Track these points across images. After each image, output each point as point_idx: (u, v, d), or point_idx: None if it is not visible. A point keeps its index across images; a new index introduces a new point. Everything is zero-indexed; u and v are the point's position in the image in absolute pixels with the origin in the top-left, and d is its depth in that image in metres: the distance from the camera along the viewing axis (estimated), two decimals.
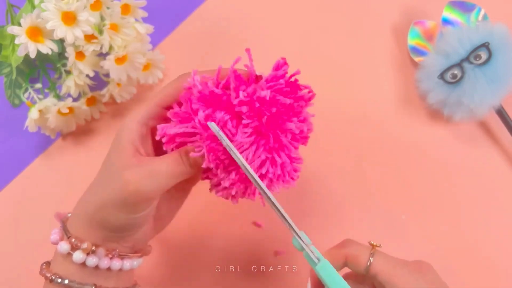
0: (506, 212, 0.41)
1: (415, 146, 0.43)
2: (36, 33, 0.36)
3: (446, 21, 0.44)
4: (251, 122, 0.27)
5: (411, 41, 0.45)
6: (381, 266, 0.27)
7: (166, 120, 0.29)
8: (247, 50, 0.29)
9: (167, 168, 0.27)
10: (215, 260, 0.40)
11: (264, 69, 0.50)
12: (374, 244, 0.28)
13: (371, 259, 0.27)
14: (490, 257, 0.39)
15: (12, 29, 0.35)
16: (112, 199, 0.27)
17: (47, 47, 0.37)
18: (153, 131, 0.29)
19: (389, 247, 0.30)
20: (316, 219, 0.41)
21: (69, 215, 0.30)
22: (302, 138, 0.30)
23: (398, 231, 0.40)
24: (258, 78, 0.29)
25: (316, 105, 0.45)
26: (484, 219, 0.40)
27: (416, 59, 0.44)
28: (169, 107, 0.29)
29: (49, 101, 0.41)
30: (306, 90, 0.30)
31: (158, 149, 0.30)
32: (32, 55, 0.36)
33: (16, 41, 0.35)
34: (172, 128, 0.28)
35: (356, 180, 0.42)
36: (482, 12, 0.43)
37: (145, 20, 0.42)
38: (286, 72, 0.29)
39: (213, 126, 0.26)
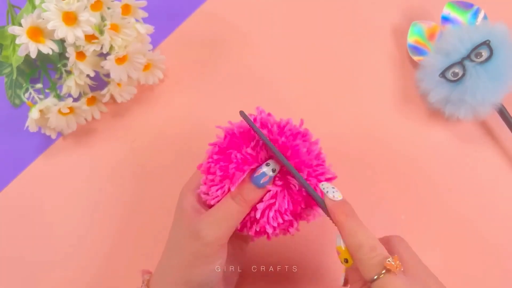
0: (507, 212, 0.41)
1: (415, 146, 0.43)
2: (37, 33, 0.36)
3: (446, 20, 0.44)
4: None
5: (411, 40, 0.45)
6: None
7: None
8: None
9: (224, 211, 0.29)
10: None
11: (264, 69, 0.50)
12: (393, 264, 0.26)
13: (381, 276, 0.25)
14: (491, 257, 0.39)
15: (13, 29, 0.35)
16: (191, 254, 0.29)
17: (48, 47, 0.37)
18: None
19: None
20: (317, 218, 0.41)
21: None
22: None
23: (398, 231, 0.40)
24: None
25: (316, 105, 0.46)
26: (485, 219, 0.40)
27: (416, 58, 0.44)
28: None
29: (50, 101, 0.41)
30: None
31: None
32: (33, 55, 0.36)
33: (17, 41, 0.35)
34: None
35: (355, 180, 0.42)
36: (482, 12, 0.43)
37: (145, 20, 0.42)
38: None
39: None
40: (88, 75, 0.41)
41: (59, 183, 0.44)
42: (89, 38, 0.38)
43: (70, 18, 0.36)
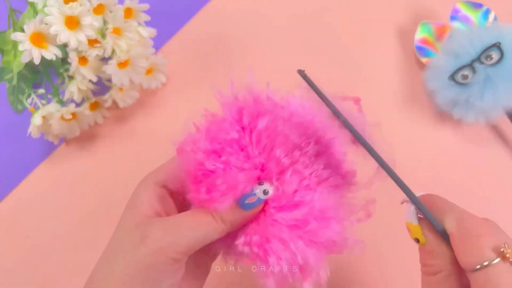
0: None
1: (422, 148, 0.43)
2: (39, 38, 0.36)
3: (454, 20, 0.44)
4: None
5: (418, 41, 0.44)
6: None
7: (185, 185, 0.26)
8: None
9: (194, 220, 0.24)
10: (215, 260, 0.40)
11: (269, 72, 0.49)
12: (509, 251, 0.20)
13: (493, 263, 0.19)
14: None
15: (15, 35, 0.35)
16: (133, 265, 0.22)
17: (51, 53, 0.36)
18: (173, 195, 0.27)
19: (393, 250, 0.29)
20: None
21: None
22: None
23: (405, 236, 0.40)
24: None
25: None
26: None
27: (423, 59, 0.44)
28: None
29: (52, 107, 0.41)
30: None
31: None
32: (37, 61, 0.36)
33: (20, 48, 0.35)
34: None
35: (361, 181, 0.41)
36: (493, 13, 0.43)
37: (147, 24, 0.42)
38: None
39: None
40: (90, 80, 0.41)
41: (62, 189, 0.43)
42: (92, 42, 0.38)
43: (72, 22, 0.36)
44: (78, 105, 0.42)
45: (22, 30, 0.35)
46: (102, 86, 0.44)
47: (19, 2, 0.42)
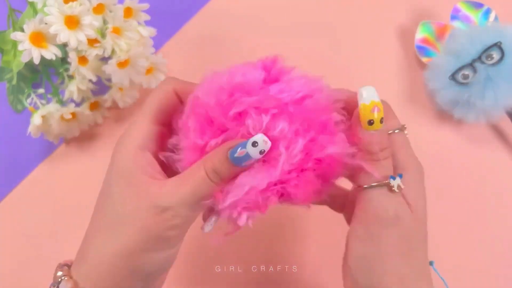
0: None
1: (423, 148, 0.42)
2: (39, 38, 0.36)
3: (455, 19, 0.44)
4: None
5: (419, 41, 0.44)
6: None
7: (166, 137, 0.25)
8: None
9: (195, 182, 0.23)
10: (215, 260, 0.40)
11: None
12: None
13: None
14: (504, 259, 0.38)
15: (15, 35, 0.35)
16: (146, 235, 0.23)
17: (51, 53, 0.36)
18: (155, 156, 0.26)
19: None
20: (317, 218, 0.40)
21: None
22: None
23: None
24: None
25: None
26: (497, 224, 0.40)
27: (423, 59, 0.44)
28: (165, 123, 0.26)
29: (52, 107, 0.40)
30: None
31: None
32: (36, 61, 0.36)
33: (20, 48, 0.35)
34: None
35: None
36: (493, 13, 0.43)
37: (147, 23, 0.41)
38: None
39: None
40: (90, 80, 0.41)
41: (62, 189, 0.43)
42: (91, 42, 0.38)
43: (72, 22, 0.36)
44: (78, 105, 0.42)
45: (22, 30, 0.35)
46: (102, 86, 0.43)
47: (19, 2, 0.41)
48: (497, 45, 0.38)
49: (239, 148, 0.23)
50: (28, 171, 0.44)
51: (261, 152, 0.23)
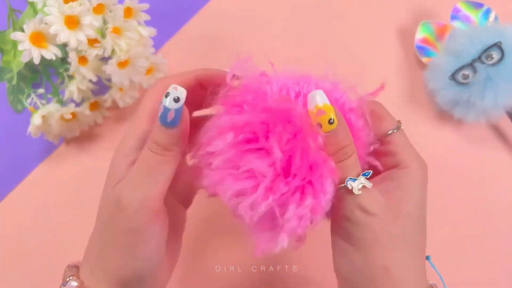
0: None
1: (423, 148, 0.42)
2: (39, 38, 0.36)
3: (455, 19, 0.44)
4: None
5: (419, 41, 0.44)
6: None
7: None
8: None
9: (144, 165, 0.24)
10: (215, 260, 0.40)
11: (268, 71, 0.49)
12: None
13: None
14: (503, 259, 0.38)
15: (15, 35, 0.35)
16: (121, 235, 0.24)
17: (51, 53, 0.36)
18: None
19: None
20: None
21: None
22: None
23: None
24: None
25: None
26: (496, 224, 0.40)
27: (423, 59, 0.44)
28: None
29: (52, 107, 0.40)
30: None
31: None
32: (36, 61, 0.36)
33: (20, 48, 0.35)
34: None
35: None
36: (493, 13, 0.43)
37: (147, 23, 0.41)
38: None
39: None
40: (90, 80, 0.41)
41: (62, 189, 0.43)
42: (91, 42, 0.38)
43: (72, 22, 0.36)
44: (78, 105, 0.42)
45: (22, 30, 0.35)
46: (102, 86, 0.43)
47: (19, 2, 0.41)
48: (497, 45, 0.38)
49: (161, 108, 0.23)
50: (28, 171, 0.44)
51: (175, 100, 0.23)
